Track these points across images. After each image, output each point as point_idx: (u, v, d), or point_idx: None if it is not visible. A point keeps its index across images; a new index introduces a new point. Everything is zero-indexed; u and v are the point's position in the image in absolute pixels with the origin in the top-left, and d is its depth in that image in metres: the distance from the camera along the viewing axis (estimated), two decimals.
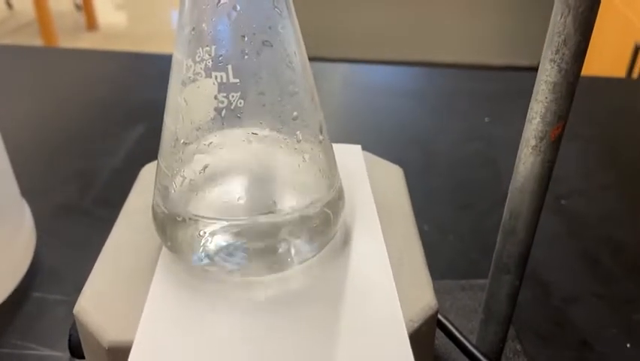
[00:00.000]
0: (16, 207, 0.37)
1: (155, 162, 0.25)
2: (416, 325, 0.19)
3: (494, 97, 0.60)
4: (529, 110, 0.21)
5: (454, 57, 1.82)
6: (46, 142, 0.51)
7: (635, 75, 1.19)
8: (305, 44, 0.20)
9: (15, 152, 0.39)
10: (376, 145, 0.30)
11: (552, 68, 0.20)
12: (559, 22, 0.19)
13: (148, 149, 0.51)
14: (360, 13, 1.82)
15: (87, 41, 2.18)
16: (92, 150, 0.50)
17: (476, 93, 0.62)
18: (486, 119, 0.56)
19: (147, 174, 0.26)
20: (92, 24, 2.27)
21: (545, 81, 0.20)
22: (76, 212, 0.42)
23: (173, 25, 2.34)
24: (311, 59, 0.20)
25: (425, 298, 0.20)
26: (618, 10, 1.30)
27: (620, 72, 1.24)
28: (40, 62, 0.67)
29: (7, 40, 2.13)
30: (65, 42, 2.12)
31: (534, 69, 0.21)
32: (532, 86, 0.21)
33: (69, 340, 0.27)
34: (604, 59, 1.36)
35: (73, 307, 0.20)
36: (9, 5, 2.39)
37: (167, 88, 0.20)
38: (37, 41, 2.02)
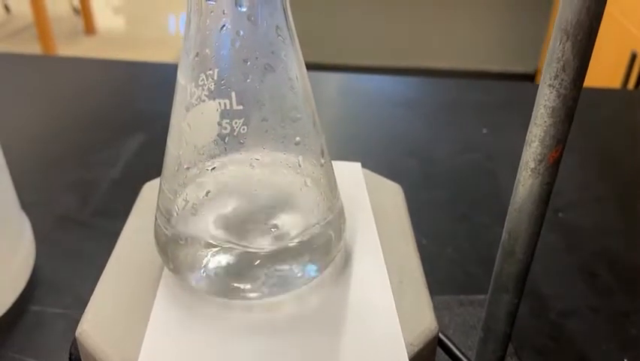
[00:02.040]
0: (16, 220, 0.37)
1: (156, 179, 0.25)
2: (417, 348, 0.19)
3: (491, 107, 0.61)
4: (528, 134, 0.22)
5: (449, 64, 1.83)
6: (44, 153, 0.51)
7: (631, 83, 1.20)
8: (303, 50, 0.20)
9: (13, 163, 0.39)
10: (373, 156, 0.30)
11: (551, 92, 0.20)
12: (557, 48, 0.19)
13: (147, 159, 0.51)
14: (357, 20, 1.83)
15: (85, 45, 2.18)
16: (90, 161, 0.50)
17: (473, 104, 0.62)
18: (484, 130, 0.56)
19: (148, 192, 0.26)
20: (90, 28, 2.27)
21: (544, 105, 0.21)
22: (76, 224, 0.42)
23: (171, 29, 2.35)
24: (308, 65, 0.20)
25: (426, 321, 0.20)
26: (615, 19, 1.31)
27: (617, 80, 1.25)
28: (38, 70, 0.67)
29: (5, 45, 2.13)
30: (63, 46, 2.12)
31: (529, 77, 0.21)
32: (529, 96, 0.21)
33: (69, 358, 0.27)
34: (600, 68, 1.36)
35: (73, 320, 0.20)
36: (6, 9, 2.39)
37: (166, 97, 0.20)
38: (35, 45, 2.02)
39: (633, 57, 1.20)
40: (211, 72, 0.19)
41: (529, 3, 1.75)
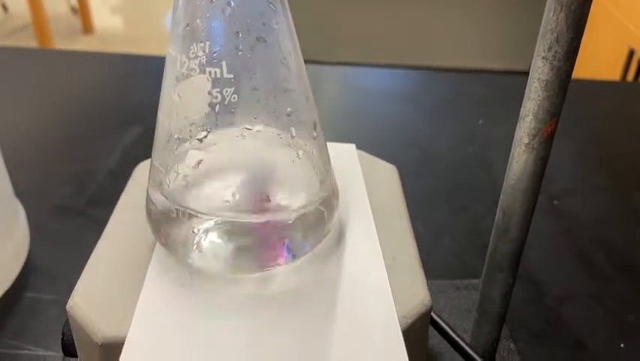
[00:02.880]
0: (10, 208, 0.37)
1: (149, 160, 0.25)
2: (410, 321, 0.19)
3: (489, 100, 0.61)
4: (522, 108, 0.22)
5: (450, 62, 1.83)
6: (41, 143, 0.51)
7: (629, 79, 1.20)
8: (303, 47, 0.20)
9: (10, 153, 0.39)
10: (372, 147, 0.30)
11: (544, 65, 0.20)
12: (551, 19, 0.19)
13: (143, 150, 0.50)
14: (358, 17, 1.83)
15: (83, 45, 2.18)
16: (87, 152, 0.50)
17: (471, 96, 0.62)
18: (480, 122, 0.56)
19: (141, 171, 0.26)
20: (87, 27, 2.27)
21: (538, 79, 0.20)
22: (71, 213, 0.42)
23: (169, 28, 2.34)
24: (308, 61, 0.20)
25: (419, 295, 0.20)
26: (612, 15, 1.31)
27: (615, 76, 1.25)
28: (35, 63, 0.67)
29: (3, 43, 2.12)
30: (61, 45, 2.11)
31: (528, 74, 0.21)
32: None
33: (62, 338, 0.27)
34: (598, 63, 1.36)
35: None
36: (4, 8, 2.39)
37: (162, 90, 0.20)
38: (33, 44, 2.02)
39: (631, 54, 1.20)
40: (202, 44, 0.18)
41: (528, 3, 1.75)
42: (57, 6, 2.36)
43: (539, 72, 0.20)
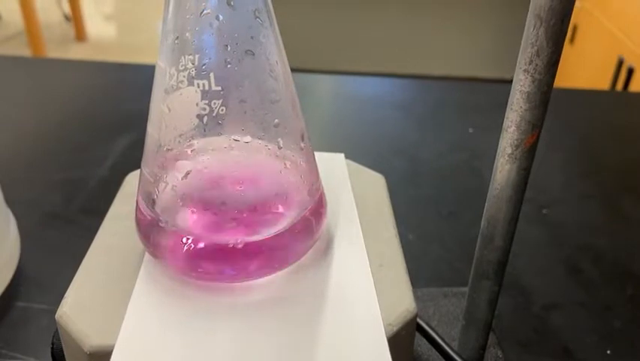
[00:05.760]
0: (1, 216, 0.37)
1: (139, 170, 0.25)
2: (395, 329, 0.19)
3: (478, 108, 0.61)
4: (505, 120, 0.22)
5: (440, 70, 1.84)
6: (32, 151, 0.51)
7: (618, 89, 1.21)
8: (293, 56, 0.21)
9: (1, 160, 0.39)
10: (362, 155, 0.30)
11: (526, 78, 0.21)
12: (532, 33, 0.20)
13: (134, 158, 0.50)
14: (348, 26, 1.84)
15: (76, 52, 2.18)
16: (78, 160, 0.50)
17: (460, 104, 0.62)
18: (470, 130, 0.57)
19: (131, 181, 0.26)
20: (80, 35, 2.27)
21: (520, 91, 0.21)
22: (62, 221, 0.42)
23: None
24: (298, 70, 0.21)
25: (404, 303, 0.20)
26: (602, 25, 1.32)
27: (604, 85, 1.27)
28: (27, 71, 0.67)
29: None
30: (54, 53, 2.11)
31: None
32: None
33: (51, 348, 0.27)
34: (588, 73, 1.38)
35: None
36: None
37: None
38: (26, 52, 2.02)
39: (620, 63, 1.22)
40: (191, 57, 0.19)
41: (517, 12, 1.77)
42: (50, 13, 2.36)
43: (521, 84, 0.21)
